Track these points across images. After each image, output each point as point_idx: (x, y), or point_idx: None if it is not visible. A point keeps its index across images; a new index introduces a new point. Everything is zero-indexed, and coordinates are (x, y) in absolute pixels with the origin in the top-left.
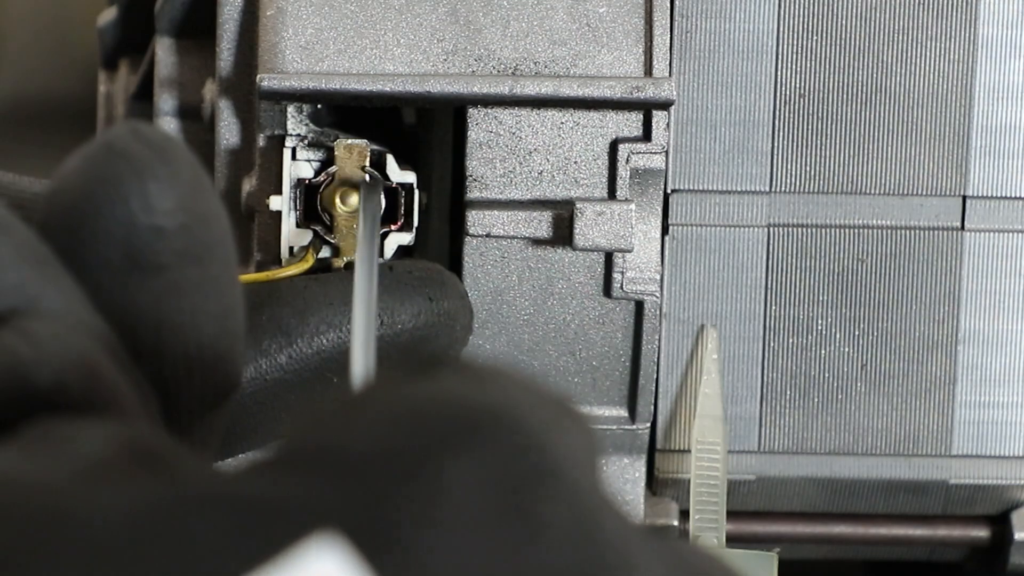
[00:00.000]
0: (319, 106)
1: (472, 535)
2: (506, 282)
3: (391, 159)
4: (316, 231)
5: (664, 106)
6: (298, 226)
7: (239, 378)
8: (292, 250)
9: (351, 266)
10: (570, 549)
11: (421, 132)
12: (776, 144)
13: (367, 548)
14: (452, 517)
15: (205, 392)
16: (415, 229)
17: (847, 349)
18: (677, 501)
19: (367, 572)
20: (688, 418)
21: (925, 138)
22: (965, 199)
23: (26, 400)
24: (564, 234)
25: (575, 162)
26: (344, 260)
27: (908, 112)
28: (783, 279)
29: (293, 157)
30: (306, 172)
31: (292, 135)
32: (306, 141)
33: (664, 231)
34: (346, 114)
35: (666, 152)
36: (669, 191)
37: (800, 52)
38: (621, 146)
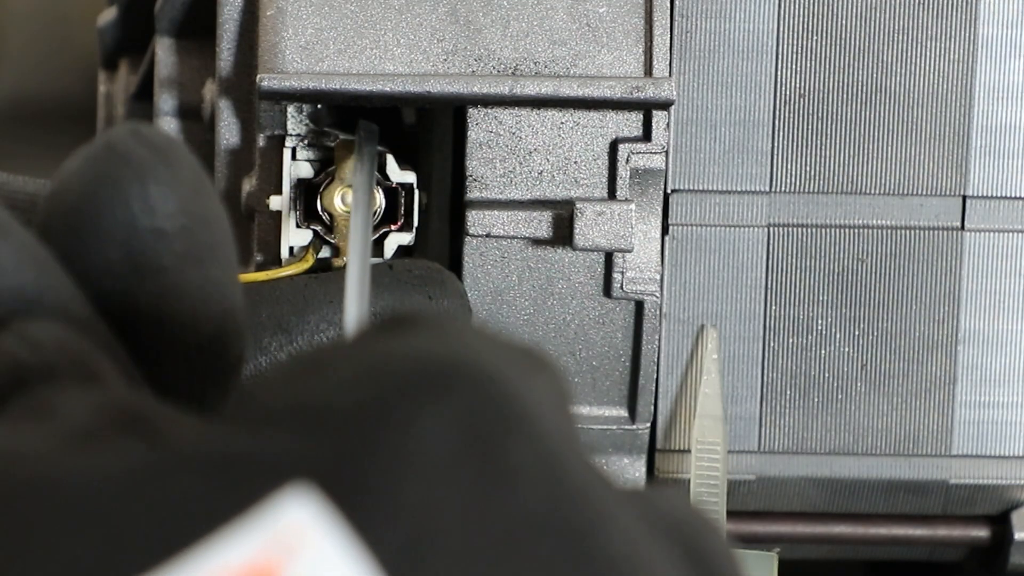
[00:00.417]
0: (319, 106)
1: (441, 481)
2: (506, 282)
3: (391, 159)
4: (316, 231)
5: (664, 106)
6: (298, 226)
7: (239, 377)
8: (292, 250)
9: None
10: (537, 493)
11: (421, 132)
12: (776, 144)
13: (339, 497)
14: (421, 464)
15: (205, 392)
16: (415, 229)
17: (847, 349)
18: None
19: (340, 520)
20: (688, 418)
21: (925, 138)
22: (965, 199)
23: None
24: (564, 234)
25: (575, 162)
26: (344, 260)
27: (908, 112)
28: (783, 279)
29: (293, 157)
30: (306, 172)
31: (292, 135)
32: (306, 141)
33: (664, 231)
34: (346, 114)
35: (666, 152)
36: (669, 191)
37: (800, 52)
38: (621, 146)
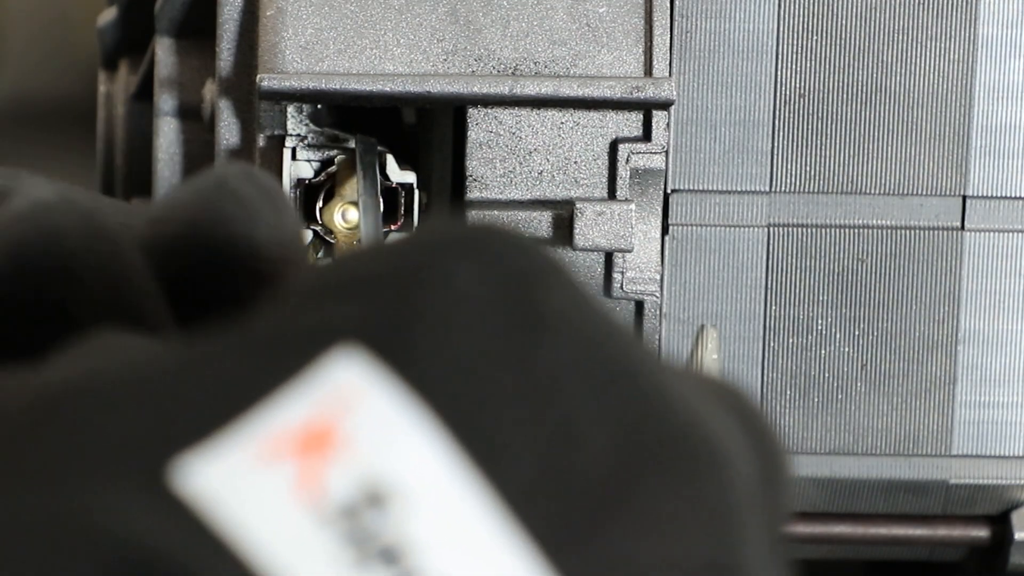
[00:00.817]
0: (319, 106)
1: (485, 331)
2: None
3: (391, 159)
4: (316, 231)
5: (664, 106)
6: None
7: None
8: None
9: None
10: (581, 334)
11: (421, 132)
12: (776, 144)
13: (387, 354)
14: (462, 315)
15: None
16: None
17: (847, 349)
18: None
19: (391, 375)
20: None
21: (925, 138)
22: (965, 199)
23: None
24: (564, 234)
25: (575, 162)
26: None
27: (908, 112)
28: (783, 279)
29: (293, 157)
30: (306, 172)
31: (292, 135)
32: (306, 141)
33: (664, 231)
34: (346, 114)
35: (666, 152)
36: (669, 191)
37: (800, 52)
38: (621, 146)
